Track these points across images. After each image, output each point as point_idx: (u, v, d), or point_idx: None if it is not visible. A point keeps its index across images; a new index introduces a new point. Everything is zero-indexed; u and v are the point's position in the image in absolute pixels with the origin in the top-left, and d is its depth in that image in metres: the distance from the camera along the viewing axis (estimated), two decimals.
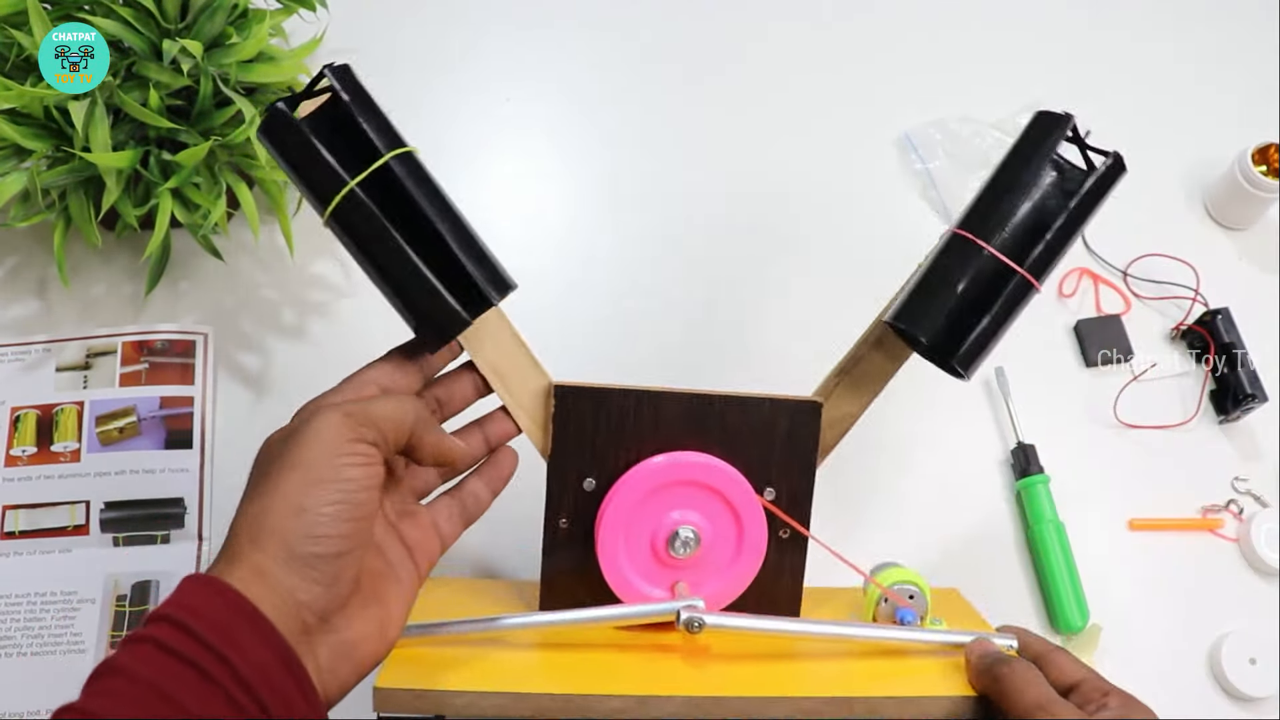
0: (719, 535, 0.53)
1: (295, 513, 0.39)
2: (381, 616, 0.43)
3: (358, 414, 0.41)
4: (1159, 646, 0.68)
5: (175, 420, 0.71)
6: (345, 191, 0.46)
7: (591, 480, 0.53)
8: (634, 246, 0.82)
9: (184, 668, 0.35)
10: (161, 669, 0.35)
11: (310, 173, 0.47)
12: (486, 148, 0.86)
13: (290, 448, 0.40)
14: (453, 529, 0.49)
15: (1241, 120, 0.86)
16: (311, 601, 0.39)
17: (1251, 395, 0.73)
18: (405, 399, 0.45)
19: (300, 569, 0.39)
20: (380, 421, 0.42)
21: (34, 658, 0.63)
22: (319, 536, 0.39)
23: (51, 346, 0.73)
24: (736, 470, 0.52)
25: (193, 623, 0.36)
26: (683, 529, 0.52)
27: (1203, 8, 0.97)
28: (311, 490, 0.39)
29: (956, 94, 0.88)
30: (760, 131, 0.88)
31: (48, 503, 0.68)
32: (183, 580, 0.39)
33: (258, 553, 0.38)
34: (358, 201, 0.46)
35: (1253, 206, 0.82)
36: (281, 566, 0.38)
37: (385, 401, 0.43)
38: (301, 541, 0.39)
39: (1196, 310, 0.78)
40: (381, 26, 0.91)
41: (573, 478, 0.53)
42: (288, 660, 0.37)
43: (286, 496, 0.39)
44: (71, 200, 0.68)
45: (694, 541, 0.52)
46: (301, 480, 0.39)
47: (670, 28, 0.93)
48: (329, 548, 0.39)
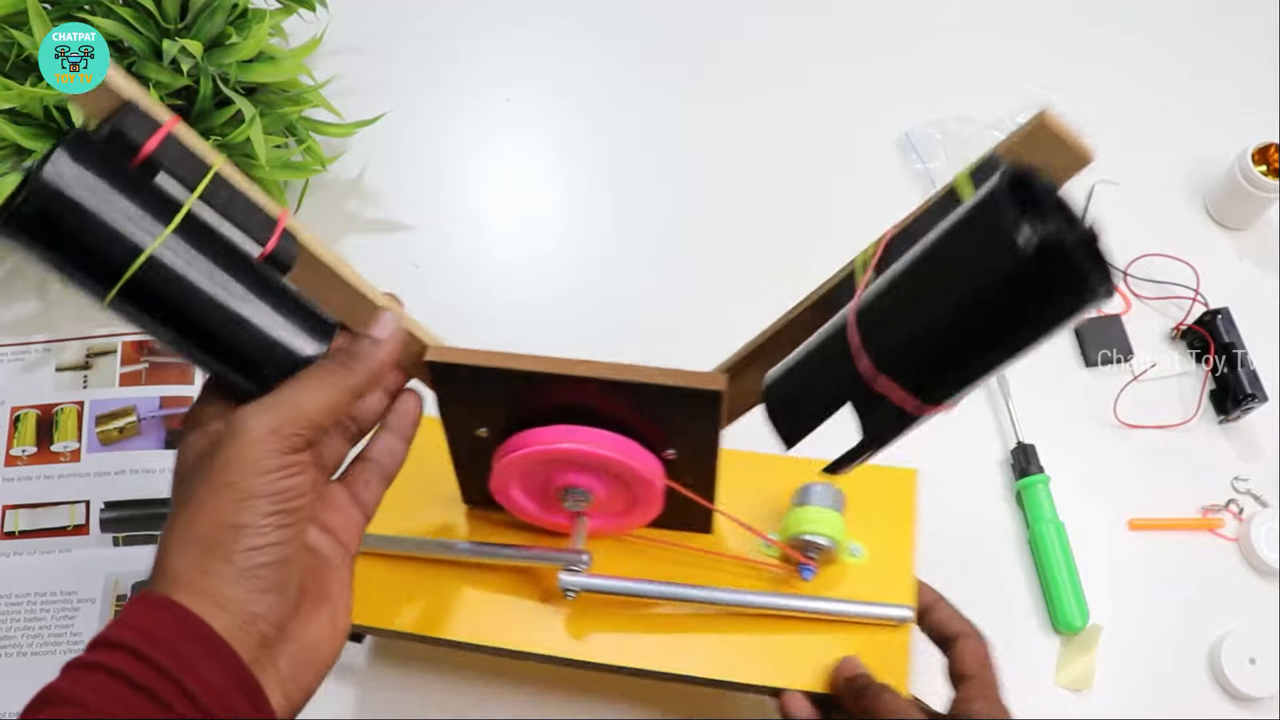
0: (613, 491, 0.53)
1: (234, 530, 0.37)
2: (330, 612, 0.41)
3: (287, 423, 0.38)
4: (1159, 646, 0.68)
5: (175, 420, 0.71)
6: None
7: (484, 430, 0.52)
8: (633, 246, 0.82)
9: (139, 697, 0.34)
10: (114, 698, 0.34)
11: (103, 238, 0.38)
12: (485, 147, 0.86)
13: (215, 468, 0.37)
14: (373, 495, 0.46)
15: (1241, 120, 0.86)
16: (266, 612, 0.37)
17: (1251, 395, 0.73)
18: (326, 380, 0.40)
19: (248, 582, 0.37)
20: (313, 416, 0.39)
21: (34, 657, 0.63)
22: (262, 547, 0.37)
23: (51, 346, 0.74)
24: (628, 441, 0.50)
25: (146, 648, 0.34)
26: (572, 491, 0.52)
27: (1202, 8, 0.97)
28: (244, 507, 0.37)
29: (956, 94, 0.88)
30: (760, 131, 0.88)
31: (48, 502, 0.68)
32: (130, 601, 0.37)
33: (201, 573, 0.36)
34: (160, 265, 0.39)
35: (1253, 206, 0.82)
36: (229, 584, 0.37)
37: (311, 391, 0.39)
38: (245, 555, 0.37)
39: (1196, 310, 0.78)
40: (381, 26, 0.91)
41: (463, 428, 0.52)
42: (245, 683, 0.36)
43: (221, 517, 0.37)
44: None
45: (587, 498, 0.52)
46: (233, 500, 0.37)
47: (670, 27, 0.93)
48: (274, 555, 0.38)
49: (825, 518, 0.54)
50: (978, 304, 0.35)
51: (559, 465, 0.51)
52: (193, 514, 0.37)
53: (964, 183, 0.38)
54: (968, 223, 0.35)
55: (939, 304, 0.36)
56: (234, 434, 0.38)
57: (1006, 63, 0.91)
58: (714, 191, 0.85)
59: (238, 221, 0.41)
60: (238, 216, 0.41)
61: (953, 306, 0.36)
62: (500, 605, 0.56)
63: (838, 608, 0.54)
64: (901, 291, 0.38)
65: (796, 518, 0.55)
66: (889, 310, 0.38)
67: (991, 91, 0.88)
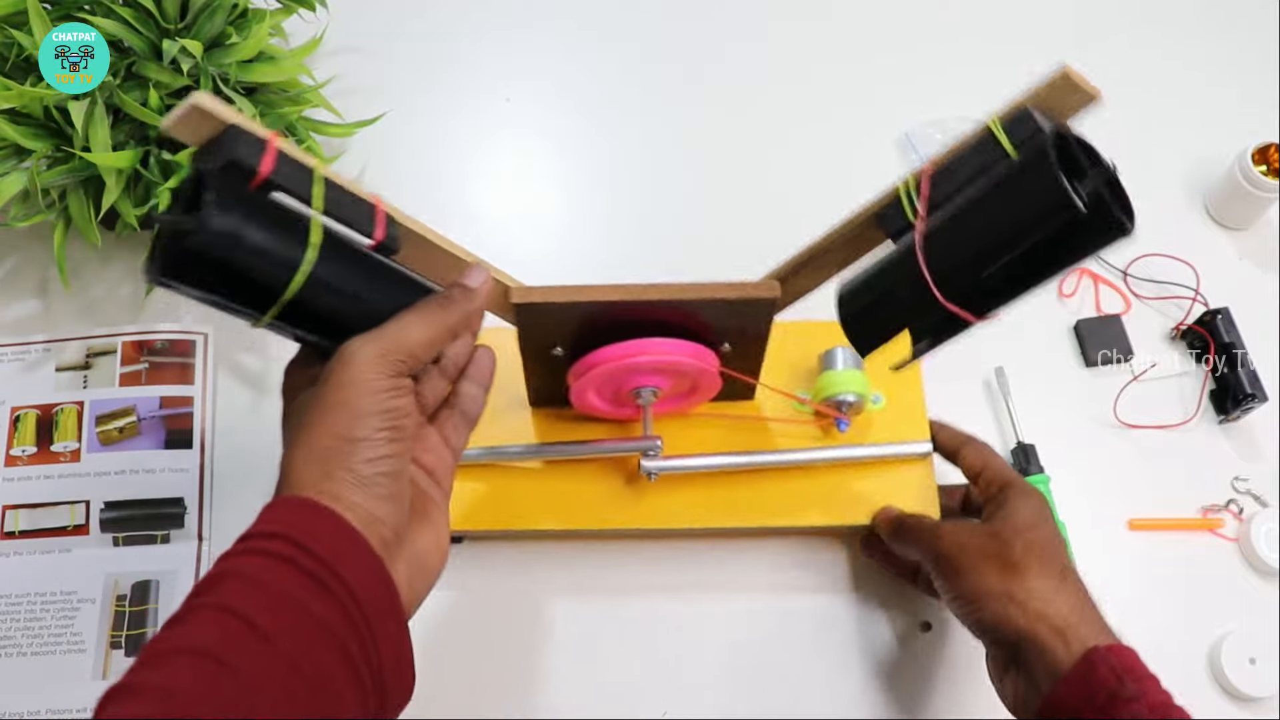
0: (676, 383, 0.62)
1: (352, 442, 0.40)
2: (434, 531, 0.45)
3: (393, 350, 0.42)
4: (1159, 646, 0.68)
5: (175, 420, 0.71)
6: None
7: (560, 349, 0.59)
8: (632, 246, 0.82)
9: (303, 578, 0.37)
10: (283, 578, 0.37)
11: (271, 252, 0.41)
12: (485, 147, 0.86)
13: (329, 390, 0.41)
14: (460, 438, 0.50)
15: (1241, 120, 0.86)
16: (386, 517, 0.41)
17: (1251, 395, 0.73)
18: (426, 316, 0.44)
19: (370, 489, 0.40)
20: (415, 348, 0.43)
21: (34, 657, 0.63)
22: (379, 458, 0.41)
23: (51, 346, 0.74)
24: (692, 344, 0.58)
25: (304, 538, 0.38)
26: (644, 390, 0.60)
27: (1203, 9, 0.97)
28: (360, 422, 0.40)
29: (956, 94, 0.88)
30: (760, 131, 0.88)
31: (48, 503, 0.68)
32: (276, 501, 0.40)
33: (327, 481, 0.40)
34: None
35: (1253, 206, 0.82)
36: (353, 490, 0.40)
37: (413, 325, 0.44)
38: (365, 465, 0.40)
39: (1196, 310, 0.78)
40: (381, 26, 0.91)
41: (540, 349, 0.59)
42: (382, 576, 0.40)
43: (339, 430, 0.40)
44: (71, 200, 0.68)
45: (655, 393, 0.61)
46: (350, 416, 0.40)
47: (670, 28, 0.93)
48: (390, 466, 0.41)
49: (853, 377, 0.65)
50: (1031, 246, 0.45)
51: (633, 372, 0.59)
52: (312, 432, 0.41)
53: (998, 129, 0.46)
54: (1020, 182, 0.44)
55: (1000, 247, 0.46)
56: (345, 360, 0.42)
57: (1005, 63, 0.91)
58: (713, 191, 0.85)
59: (348, 218, 0.44)
60: (347, 213, 0.44)
61: (1011, 247, 0.45)
62: (583, 493, 0.65)
63: (872, 451, 0.66)
64: (963, 233, 0.47)
65: (828, 380, 0.65)
66: (953, 248, 0.47)
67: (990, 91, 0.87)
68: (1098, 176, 0.44)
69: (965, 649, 0.67)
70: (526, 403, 0.67)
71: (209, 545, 0.68)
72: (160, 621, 0.64)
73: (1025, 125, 0.45)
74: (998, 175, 0.46)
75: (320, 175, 0.42)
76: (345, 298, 0.43)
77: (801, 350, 0.68)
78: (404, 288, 0.46)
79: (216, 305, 0.41)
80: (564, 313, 0.56)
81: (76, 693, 0.63)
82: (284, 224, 0.41)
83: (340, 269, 0.42)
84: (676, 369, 0.59)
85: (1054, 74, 0.45)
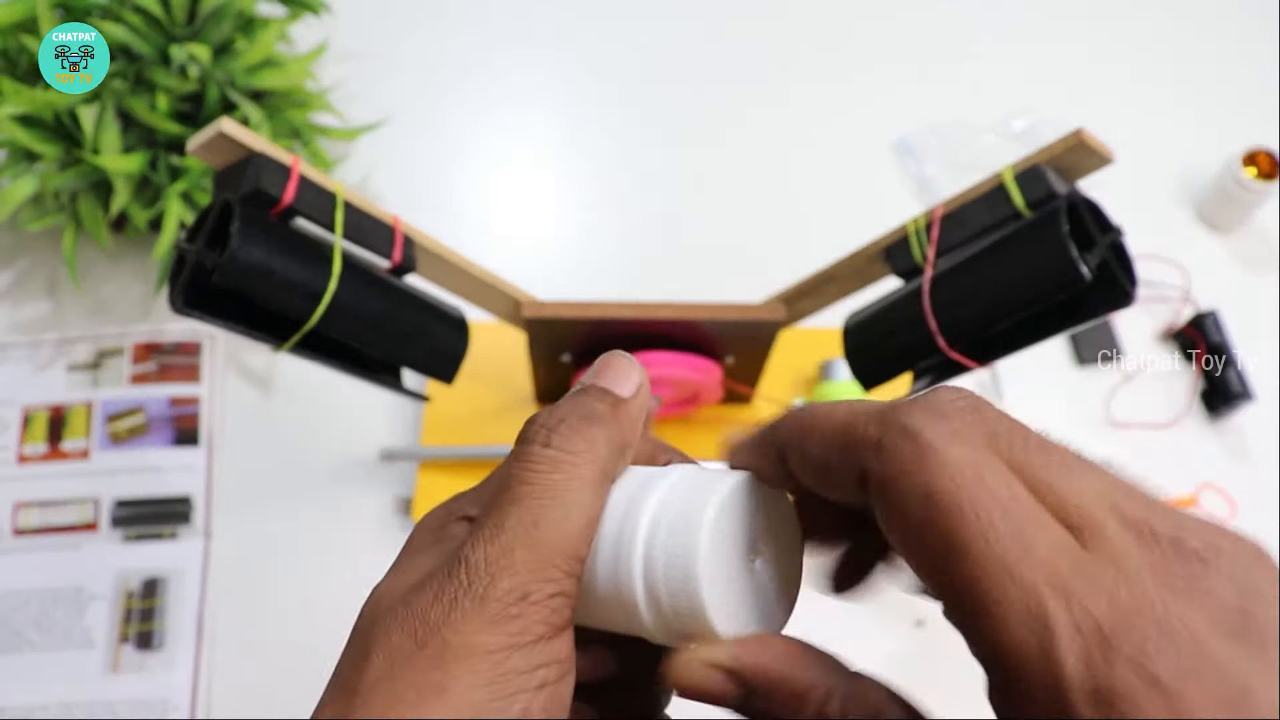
0: (680, 391, 0.64)
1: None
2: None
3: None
4: None
5: (183, 419, 0.72)
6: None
7: (568, 356, 0.62)
8: (633, 250, 0.83)
9: None
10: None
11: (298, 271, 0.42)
12: (488, 151, 0.87)
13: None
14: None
15: (1231, 124, 0.87)
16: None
17: (1240, 395, 0.74)
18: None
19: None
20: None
21: (45, 653, 0.64)
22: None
23: (62, 346, 0.75)
24: (697, 358, 0.61)
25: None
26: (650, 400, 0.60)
27: (1194, 13, 0.98)
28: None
29: (951, 100, 0.89)
30: (758, 138, 0.89)
31: (58, 500, 0.69)
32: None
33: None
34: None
35: (1242, 209, 0.83)
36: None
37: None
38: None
39: (1187, 311, 0.80)
40: (385, 32, 0.92)
41: (549, 355, 0.62)
42: None
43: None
44: (82, 203, 0.69)
45: (659, 401, 0.64)
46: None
47: (669, 34, 0.94)
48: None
49: (851, 390, 0.67)
50: (1041, 306, 0.46)
51: None
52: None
53: (1012, 185, 0.47)
54: (1031, 247, 0.45)
55: (1005, 306, 0.46)
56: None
57: (999, 69, 0.92)
58: (713, 195, 0.86)
59: (368, 241, 0.44)
60: (367, 236, 0.44)
61: (1018, 305, 0.46)
62: None
63: None
64: (970, 283, 0.48)
65: (827, 391, 0.68)
66: (959, 298, 0.48)
67: (985, 97, 0.89)
68: (1105, 243, 0.45)
69: (958, 647, 0.68)
70: (533, 400, 0.68)
71: (215, 541, 0.69)
72: (168, 617, 0.65)
73: (1038, 185, 0.46)
74: (1008, 233, 0.47)
75: (342, 200, 0.42)
76: (364, 322, 0.43)
77: (798, 358, 0.71)
78: (422, 312, 0.46)
79: (237, 332, 0.41)
80: (574, 327, 0.58)
81: (86, 688, 0.64)
82: (306, 251, 0.41)
83: (359, 293, 0.42)
84: (682, 381, 0.62)
85: (1068, 135, 0.45)
